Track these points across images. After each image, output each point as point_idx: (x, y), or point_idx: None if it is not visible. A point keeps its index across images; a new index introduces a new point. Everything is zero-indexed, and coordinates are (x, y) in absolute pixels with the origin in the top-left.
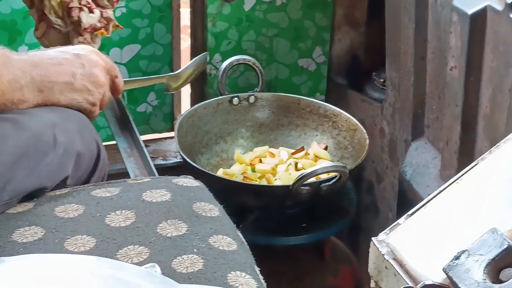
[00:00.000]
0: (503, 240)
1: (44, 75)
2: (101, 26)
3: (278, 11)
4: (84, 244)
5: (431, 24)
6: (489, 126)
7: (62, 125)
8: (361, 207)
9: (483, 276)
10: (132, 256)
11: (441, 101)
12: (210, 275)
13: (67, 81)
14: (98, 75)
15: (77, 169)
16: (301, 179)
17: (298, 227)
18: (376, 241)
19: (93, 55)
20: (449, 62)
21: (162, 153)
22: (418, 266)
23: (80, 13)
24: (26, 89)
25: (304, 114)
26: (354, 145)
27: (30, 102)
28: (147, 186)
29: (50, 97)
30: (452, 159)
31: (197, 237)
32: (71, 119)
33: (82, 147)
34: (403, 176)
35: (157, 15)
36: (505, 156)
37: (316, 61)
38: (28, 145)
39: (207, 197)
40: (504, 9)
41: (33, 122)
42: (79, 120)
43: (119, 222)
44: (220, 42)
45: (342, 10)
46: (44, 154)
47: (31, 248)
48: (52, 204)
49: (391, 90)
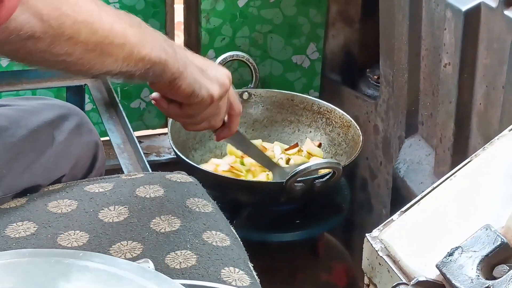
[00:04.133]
0: (497, 236)
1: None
2: None
3: (272, 7)
4: (77, 239)
5: (425, 21)
6: (483, 123)
7: (61, 124)
8: (354, 204)
9: (477, 273)
10: (125, 251)
11: (435, 98)
12: (204, 271)
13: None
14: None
15: (73, 168)
16: (295, 176)
17: (292, 224)
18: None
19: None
20: (443, 59)
21: (155, 149)
22: (412, 263)
23: None
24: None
25: (298, 110)
26: (348, 142)
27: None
28: (141, 182)
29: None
30: (446, 156)
31: (191, 233)
32: (70, 118)
33: (80, 147)
34: (397, 173)
35: (151, 11)
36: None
37: (310, 58)
38: (25, 142)
39: (201, 193)
40: (498, 6)
41: (31, 120)
42: (79, 119)
43: (112, 217)
44: (214, 38)
45: (336, 7)
46: (40, 152)
47: (23, 243)
48: (45, 199)
49: (385, 87)
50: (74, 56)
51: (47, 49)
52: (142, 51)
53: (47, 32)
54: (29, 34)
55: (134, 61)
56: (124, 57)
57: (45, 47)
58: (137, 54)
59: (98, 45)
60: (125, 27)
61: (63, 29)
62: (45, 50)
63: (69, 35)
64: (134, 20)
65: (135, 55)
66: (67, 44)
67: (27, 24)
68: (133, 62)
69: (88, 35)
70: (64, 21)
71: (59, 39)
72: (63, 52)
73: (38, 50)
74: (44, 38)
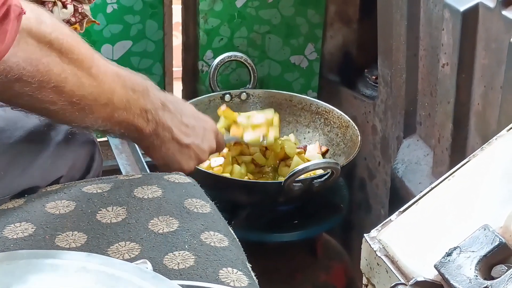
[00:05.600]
0: (495, 236)
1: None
2: (75, 21)
3: (270, 7)
4: (75, 240)
5: (423, 21)
6: (481, 123)
7: (57, 125)
8: (353, 204)
9: (475, 273)
10: (123, 252)
11: (433, 98)
12: (202, 272)
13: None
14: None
15: (71, 169)
16: (293, 176)
17: (290, 224)
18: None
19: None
20: (441, 59)
21: None
22: (410, 263)
23: (53, 7)
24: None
25: (296, 111)
26: (346, 142)
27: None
28: (139, 183)
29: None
30: (444, 156)
31: (189, 234)
32: None
33: (77, 148)
34: (395, 173)
35: (149, 11)
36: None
37: (308, 58)
38: (22, 144)
39: (199, 194)
40: (496, 6)
41: (28, 121)
42: None
43: (110, 218)
44: (212, 39)
45: (335, 7)
46: (38, 154)
47: (21, 244)
48: (43, 200)
49: (383, 87)
50: (57, 105)
51: (33, 93)
52: (122, 116)
53: (34, 77)
54: (17, 76)
55: (112, 123)
56: (104, 117)
57: (31, 92)
58: (117, 118)
59: (82, 100)
60: (114, 87)
61: (50, 76)
62: (31, 94)
63: (55, 83)
64: (131, 81)
65: (115, 118)
66: (52, 92)
67: (16, 67)
68: (111, 124)
69: (73, 87)
70: (52, 69)
71: (45, 85)
72: (48, 99)
73: (25, 93)
74: (32, 82)
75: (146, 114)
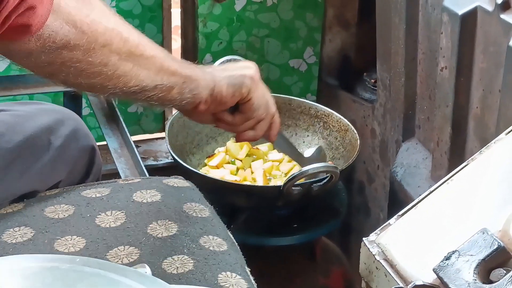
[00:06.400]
0: (494, 240)
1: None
2: None
3: (269, 11)
4: (74, 244)
5: (421, 25)
6: (480, 127)
7: (58, 130)
8: (352, 208)
9: (474, 277)
10: (122, 256)
11: (431, 101)
12: (201, 276)
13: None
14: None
15: (70, 173)
16: (292, 179)
17: (289, 228)
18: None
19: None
20: (440, 63)
21: (153, 154)
22: (409, 267)
23: None
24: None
25: (295, 114)
26: (345, 146)
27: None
28: (138, 187)
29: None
30: (443, 159)
31: (188, 238)
32: (66, 123)
33: (76, 152)
34: (394, 177)
35: (148, 15)
36: (495, 157)
37: (307, 62)
38: (22, 148)
39: (198, 198)
40: (494, 9)
41: (27, 126)
42: (74, 124)
43: (109, 222)
44: (211, 43)
45: (333, 11)
46: (37, 158)
47: (21, 249)
48: (42, 205)
49: (382, 91)
50: (109, 66)
51: (82, 58)
52: (172, 66)
53: (81, 39)
54: (64, 41)
55: (167, 74)
56: (157, 69)
57: (80, 56)
58: (168, 68)
59: (130, 56)
60: (148, 40)
61: (96, 36)
62: (81, 59)
63: (102, 43)
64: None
65: (166, 68)
66: (101, 53)
67: (61, 31)
68: (167, 76)
69: (119, 44)
70: (96, 28)
71: (93, 46)
72: (99, 61)
73: (74, 59)
74: (79, 46)
75: (185, 62)
